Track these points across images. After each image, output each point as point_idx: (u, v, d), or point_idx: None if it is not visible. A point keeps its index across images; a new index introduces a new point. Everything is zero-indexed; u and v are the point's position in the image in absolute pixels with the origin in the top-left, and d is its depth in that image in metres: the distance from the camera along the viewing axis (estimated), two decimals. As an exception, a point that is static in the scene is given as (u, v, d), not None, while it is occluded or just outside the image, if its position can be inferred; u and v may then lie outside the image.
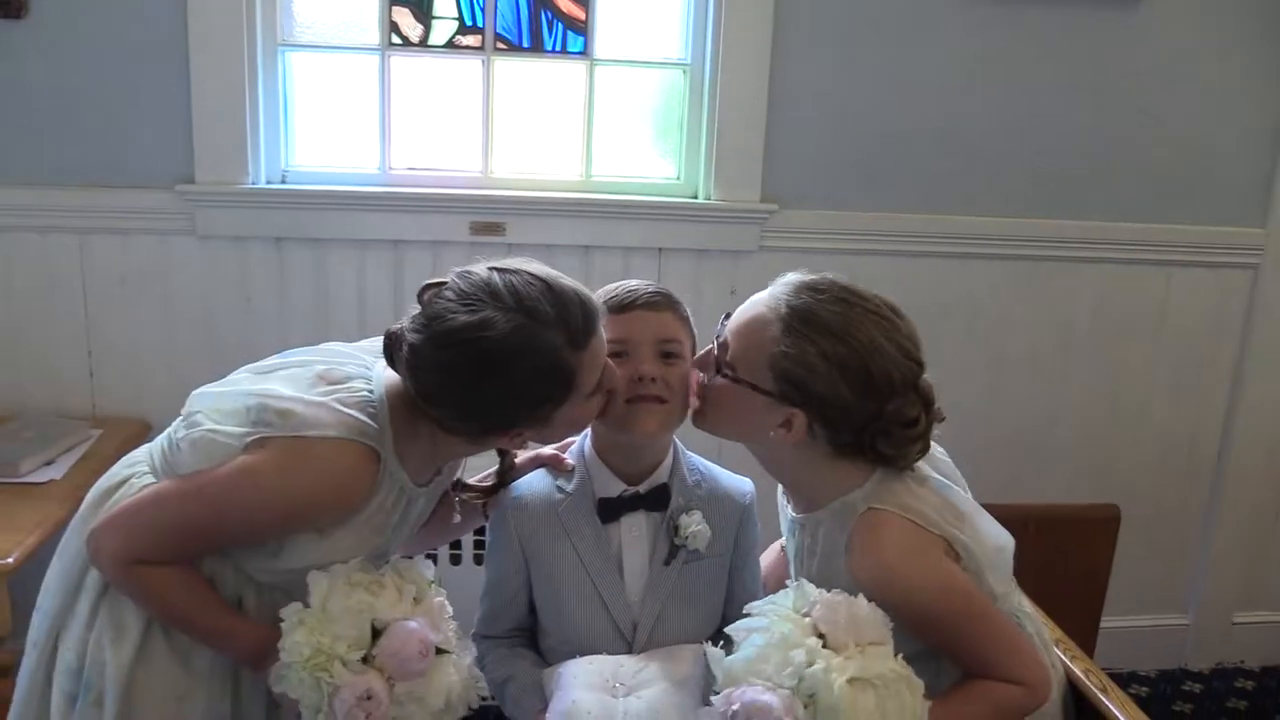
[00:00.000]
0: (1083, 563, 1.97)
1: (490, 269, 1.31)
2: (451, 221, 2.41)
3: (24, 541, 1.80)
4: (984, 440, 2.62)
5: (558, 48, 2.50)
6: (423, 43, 2.46)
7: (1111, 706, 1.48)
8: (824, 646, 1.21)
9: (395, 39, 2.44)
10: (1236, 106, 2.60)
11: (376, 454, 1.33)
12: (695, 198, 2.52)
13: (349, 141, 2.49)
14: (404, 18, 2.44)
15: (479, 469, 1.59)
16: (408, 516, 1.42)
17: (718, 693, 1.24)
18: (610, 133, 2.54)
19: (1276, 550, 2.92)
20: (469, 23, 2.46)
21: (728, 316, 1.43)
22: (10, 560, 1.75)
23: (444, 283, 1.32)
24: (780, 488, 1.53)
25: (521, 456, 1.59)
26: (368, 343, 1.46)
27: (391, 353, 1.33)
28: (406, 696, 1.30)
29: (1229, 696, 2.83)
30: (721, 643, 1.30)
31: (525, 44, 2.49)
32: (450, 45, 2.47)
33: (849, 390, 1.31)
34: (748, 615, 1.30)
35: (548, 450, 1.58)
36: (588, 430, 1.55)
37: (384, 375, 1.37)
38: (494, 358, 1.26)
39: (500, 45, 2.47)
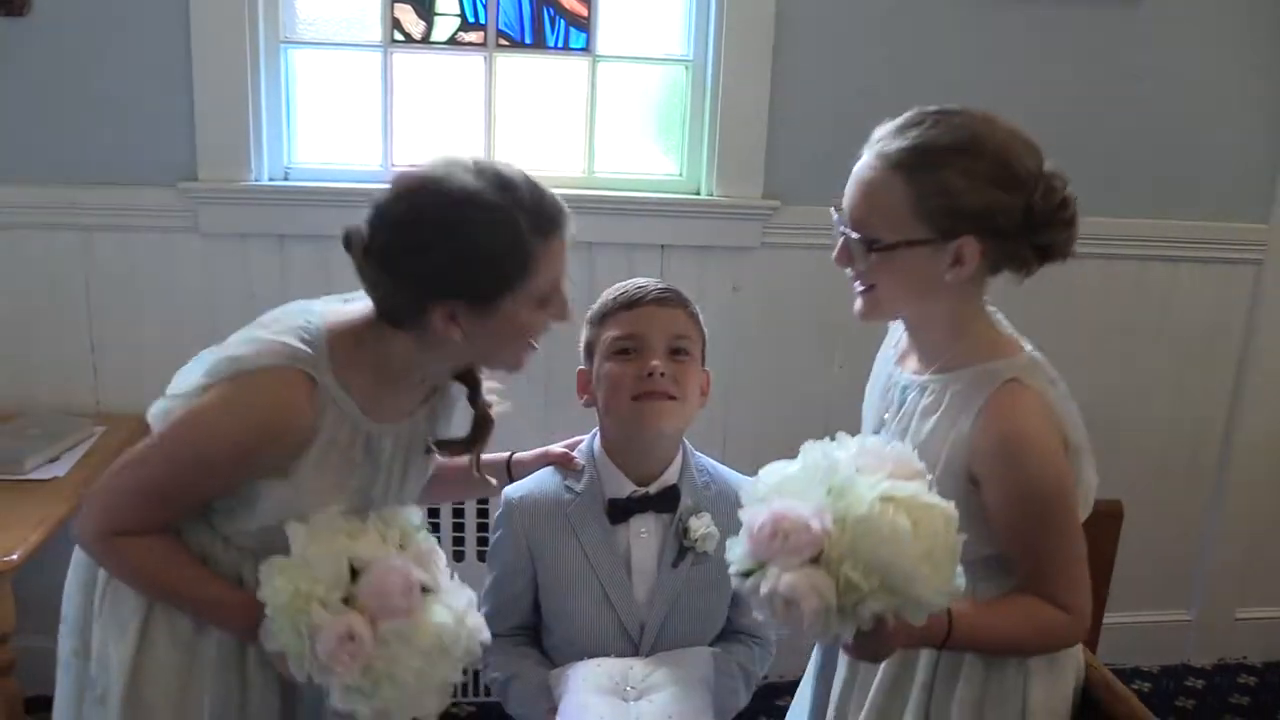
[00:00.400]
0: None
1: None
2: (454, 218, 2.41)
3: (27, 539, 1.80)
4: (987, 436, 2.61)
5: (560, 44, 2.49)
6: (425, 39, 2.46)
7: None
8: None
9: (397, 36, 2.43)
10: (1238, 103, 2.59)
11: (311, 378, 1.30)
12: (697, 194, 2.51)
13: (351, 138, 2.48)
14: (406, 14, 2.43)
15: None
16: (376, 457, 1.37)
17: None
18: (612, 129, 2.54)
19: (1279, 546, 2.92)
20: (471, 19, 2.45)
21: (837, 209, 1.37)
22: (14, 558, 1.75)
23: None
24: (891, 352, 1.49)
25: (529, 454, 1.59)
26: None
27: (349, 241, 1.30)
28: (393, 637, 1.23)
29: (1232, 692, 2.83)
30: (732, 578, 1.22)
31: (527, 40, 2.48)
32: (452, 42, 2.47)
33: (1000, 190, 1.29)
34: None
35: (556, 449, 1.58)
36: (596, 430, 1.55)
37: (327, 309, 1.37)
38: (456, 214, 1.24)
39: (502, 42, 2.46)
